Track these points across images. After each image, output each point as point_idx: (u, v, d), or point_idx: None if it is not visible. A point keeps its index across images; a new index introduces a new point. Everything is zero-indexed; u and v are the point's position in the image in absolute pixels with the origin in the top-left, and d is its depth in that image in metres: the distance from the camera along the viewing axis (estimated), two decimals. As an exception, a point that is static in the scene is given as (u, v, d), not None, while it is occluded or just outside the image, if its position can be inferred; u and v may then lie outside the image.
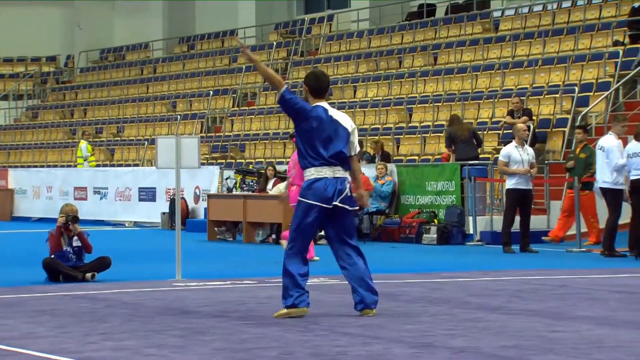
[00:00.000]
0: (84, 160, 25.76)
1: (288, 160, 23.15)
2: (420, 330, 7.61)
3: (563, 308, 8.91)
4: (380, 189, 17.87)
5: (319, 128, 8.16)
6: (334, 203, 8.11)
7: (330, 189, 8.10)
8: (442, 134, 21.05)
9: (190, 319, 8.35)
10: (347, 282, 8.46)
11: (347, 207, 8.17)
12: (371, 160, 19.73)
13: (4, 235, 20.69)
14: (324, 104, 8.38)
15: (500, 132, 19.90)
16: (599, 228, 15.79)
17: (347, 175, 8.23)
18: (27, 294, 10.25)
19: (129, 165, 26.77)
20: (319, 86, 8.40)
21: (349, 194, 8.19)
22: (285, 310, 8.20)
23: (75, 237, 11.43)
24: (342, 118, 8.40)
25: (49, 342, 7.18)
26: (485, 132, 20.14)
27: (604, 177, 14.29)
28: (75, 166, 26.80)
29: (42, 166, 29.35)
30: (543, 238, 16.39)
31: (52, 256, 11.37)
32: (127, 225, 23.59)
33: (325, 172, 8.11)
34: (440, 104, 22.19)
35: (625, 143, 14.51)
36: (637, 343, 6.97)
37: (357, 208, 8.32)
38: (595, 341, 7.05)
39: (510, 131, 17.23)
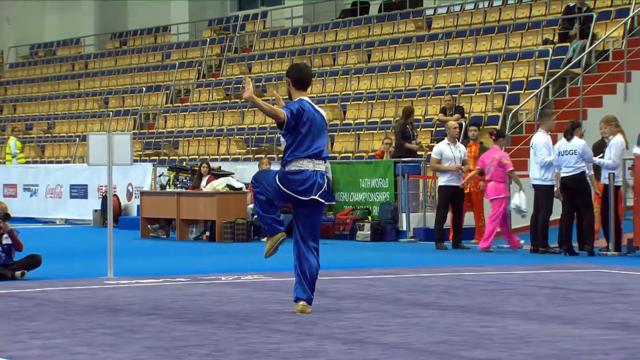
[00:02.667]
0: (13, 157, 25.40)
1: (222, 157, 23.13)
2: (352, 326, 7.66)
3: (493, 303, 9.04)
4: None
5: (311, 128, 8.26)
6: (312, 197, 8.24)
7: (308, 182, 8.21)
8: (375, 131, 21.18)
9: (121, 316, 8.30)
10: (277, 279, 8.47)
11: (322, 200, 8.35)
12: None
13: None
14: (306, 97, 8.42)
15: (433, 129, 20.08)
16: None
17: (324, 168, 8.41)
18: (-46, 293, 10.09)
19: (60, 162, 26.47)
20: (302, 78, 8.42)
21: (326, 189, 8.42)
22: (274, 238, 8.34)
23: (6, 235, 11.29)
24: (321, 110, 8.56)
25: (-24, 341, 7.09)
26: (418, 130, 20.30)
27: (533, 174, 14.53)
28: (4, 163, 26.42)
29: (-29, 163, 28.87)
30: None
31: (-19, 254, 11.20)
32: (58, 222, 23.33)
33: (307, 164, 8.23)
34: (374, 101, 22.32)
35: (555, 140, 14.75)
36: (563, 337, 7.11)
37: (332, 203, 8.53)
38: (523, 336, 7.17)
39: (443, 129, 17.41)
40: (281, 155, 8.59)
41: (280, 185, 8.24)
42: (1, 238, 11.28)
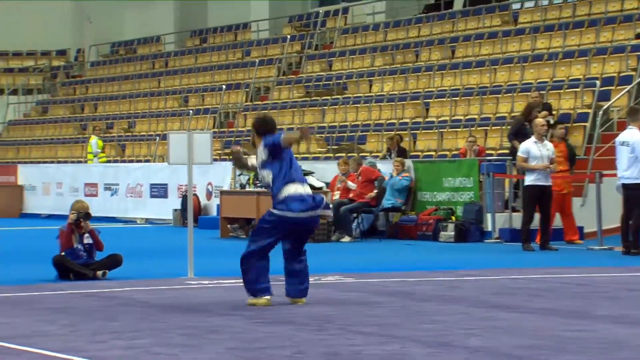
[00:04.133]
0: (94, 156, 25.86)
1: (302, 155, 23.22)
2: (436, 329, 7.64)
3: (582, 307, 8.92)
4: (397, 181, 17.82)
5: (288, 156, 9.35)
6: (317, 211, 9.15)
7: (308, 200, 9.11)
8: (459, 129, 21.05)
9: (201, 317, 8.41)
10: (359, 280, 8.51)
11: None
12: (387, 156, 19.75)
13: (13, 232, 20.81)
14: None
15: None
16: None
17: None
18: (37, 292, 10.33)
19: (140, 161, 26.86)
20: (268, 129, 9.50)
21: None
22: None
23: (87, 235, 11.50)
24: None
25: (58, 340, 7.25)
26: (504, 128, 20.12)
27: (627, 172, 14.22)
28: (86, 162, 26.93)
29: (52, 162, 29.49)
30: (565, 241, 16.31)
31: (63, 253, 11.44)
32: (138, 222, 23.69)
33: (299, 189, 9.15)
34: (457, 99, 22.18)
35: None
36: (657, 343, 6.98)
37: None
38: (613, 341, 7.06)
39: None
40: (362, 154, 8.91)
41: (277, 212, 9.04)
42: (82, 237, 11.50)
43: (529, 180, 15.23)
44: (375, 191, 17.75)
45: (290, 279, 9.23)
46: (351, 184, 17.86)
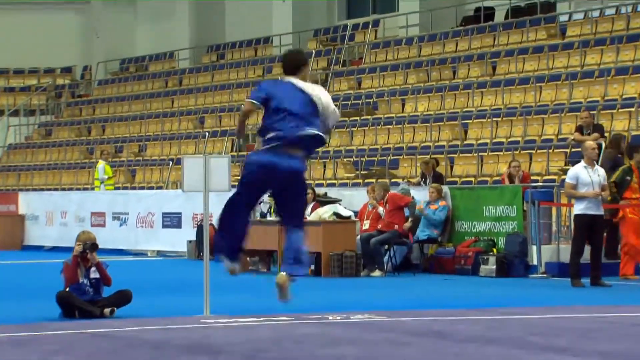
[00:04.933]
0: (101, 183, 25.99)
1: (328, 181, 23.27)
2: (475, 373, 7.62)
3: (638, 349, 8.86)
4: (432, 216, 17.85)
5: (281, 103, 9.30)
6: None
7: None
8: (501, 153, 21.02)
9: (221, 359, 8.41)
10: (391, 318, 8.48)
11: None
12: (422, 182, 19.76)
13: (14, 266, 20.93)
14: (294, 79, 9.26)
15: (568, 150, 19.83)
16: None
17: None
18: (39, 331, 10.36)
19: (152, 188, 27.00)
20: (284, 64, 9.35)
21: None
22: None
23: (93, 268, 11.55)
24: (313, 89, 9.34)
25: (63, 384, 7.27)
26: (550, 151, 20.09)
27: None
28: (92, 189, 27.08)
29: (56, 189, 29.68)
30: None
31: (67, 289, 11.49)
32: (149, 254, 23.79)
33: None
34: (499, 119, 22.17)
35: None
36: None
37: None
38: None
39: (579, 149, 17.17)
40: (393, 180, 8.88)
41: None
42: (89, 271, 11.54)
43: (579, 209, 15.19)
44: (410, 219, 17.72)
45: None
46: (382, 209, 17.85)
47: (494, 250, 17.41)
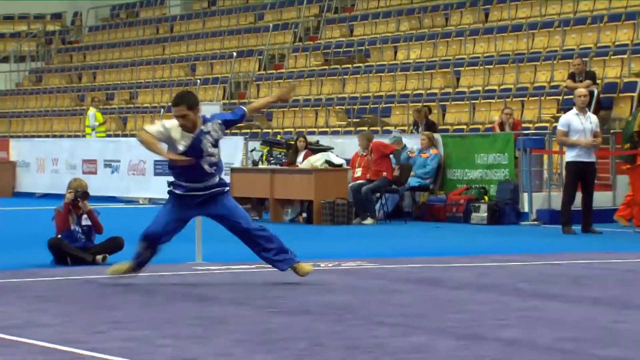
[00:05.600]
0: (92, 130, 25.93)
1: (320, 129, 23.22)
2: (467, 319, 7.63)
3: (629, 296, 8.89)
4: (423, 164, 17.83)
5: None
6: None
7: None
8: (493, 100, 20.97)
9: (210, 306, 8.43)
10: (383, 266, 8.49)
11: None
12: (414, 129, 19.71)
13: (5, 212, 20.90)
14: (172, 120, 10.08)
15: (560, 97, 19.79)
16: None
17: None
18: (30, 277, 10.38)
19: (143, 136, 26.87)
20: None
21: None
22: None
23: (85, 216, 11.54)
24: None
25: (53, 331, 7.28)
26: (542, 98, 20.04)
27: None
28: (84, 136, 27.01)
29: (47, 136, 29.61)
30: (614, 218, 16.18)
31: (59, 236, 11.48)
32: (141, 202, 23.77)
33: None
34: (491, 67, 22.10)
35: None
36: None
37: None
38: (664, 333, 7.05)
39: (571, 97, 17.14)
40: (385, 128, 8.80)
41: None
42: (80, 219, 11.54)
43: (570, 156, 15.17)
44: (398, 167, 17.64)
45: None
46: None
47: (486, 197, 17.42)
